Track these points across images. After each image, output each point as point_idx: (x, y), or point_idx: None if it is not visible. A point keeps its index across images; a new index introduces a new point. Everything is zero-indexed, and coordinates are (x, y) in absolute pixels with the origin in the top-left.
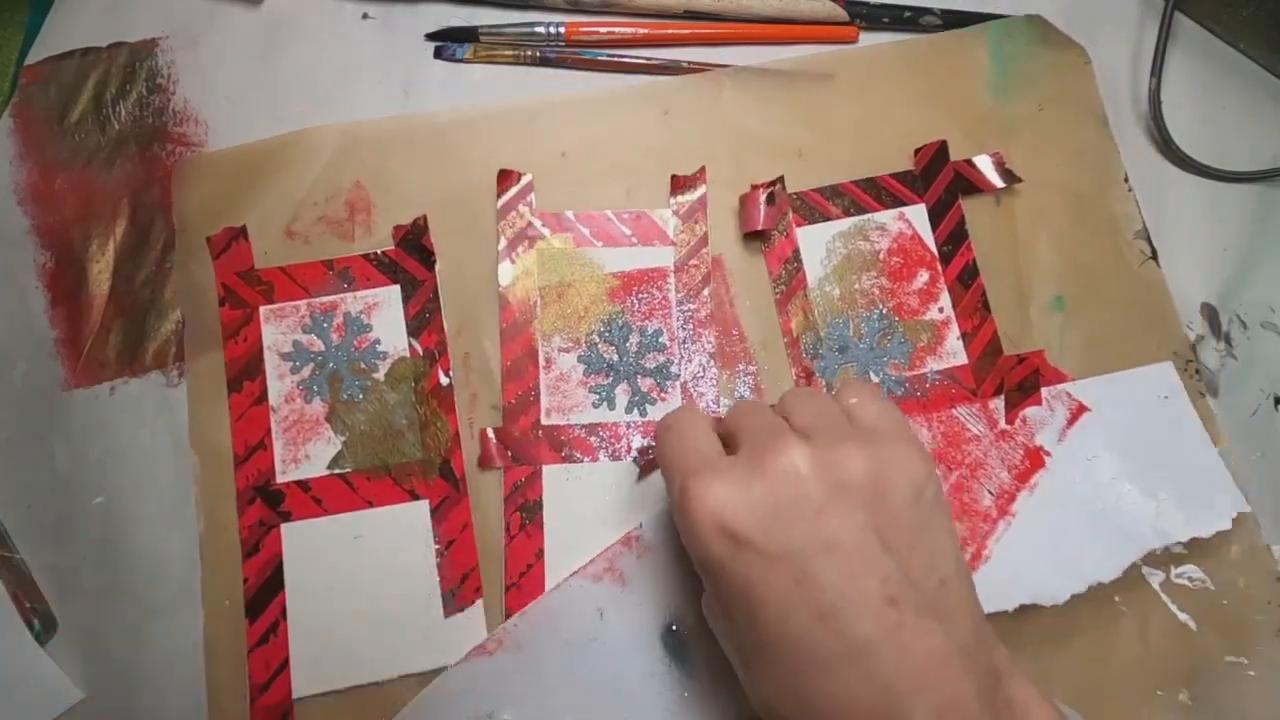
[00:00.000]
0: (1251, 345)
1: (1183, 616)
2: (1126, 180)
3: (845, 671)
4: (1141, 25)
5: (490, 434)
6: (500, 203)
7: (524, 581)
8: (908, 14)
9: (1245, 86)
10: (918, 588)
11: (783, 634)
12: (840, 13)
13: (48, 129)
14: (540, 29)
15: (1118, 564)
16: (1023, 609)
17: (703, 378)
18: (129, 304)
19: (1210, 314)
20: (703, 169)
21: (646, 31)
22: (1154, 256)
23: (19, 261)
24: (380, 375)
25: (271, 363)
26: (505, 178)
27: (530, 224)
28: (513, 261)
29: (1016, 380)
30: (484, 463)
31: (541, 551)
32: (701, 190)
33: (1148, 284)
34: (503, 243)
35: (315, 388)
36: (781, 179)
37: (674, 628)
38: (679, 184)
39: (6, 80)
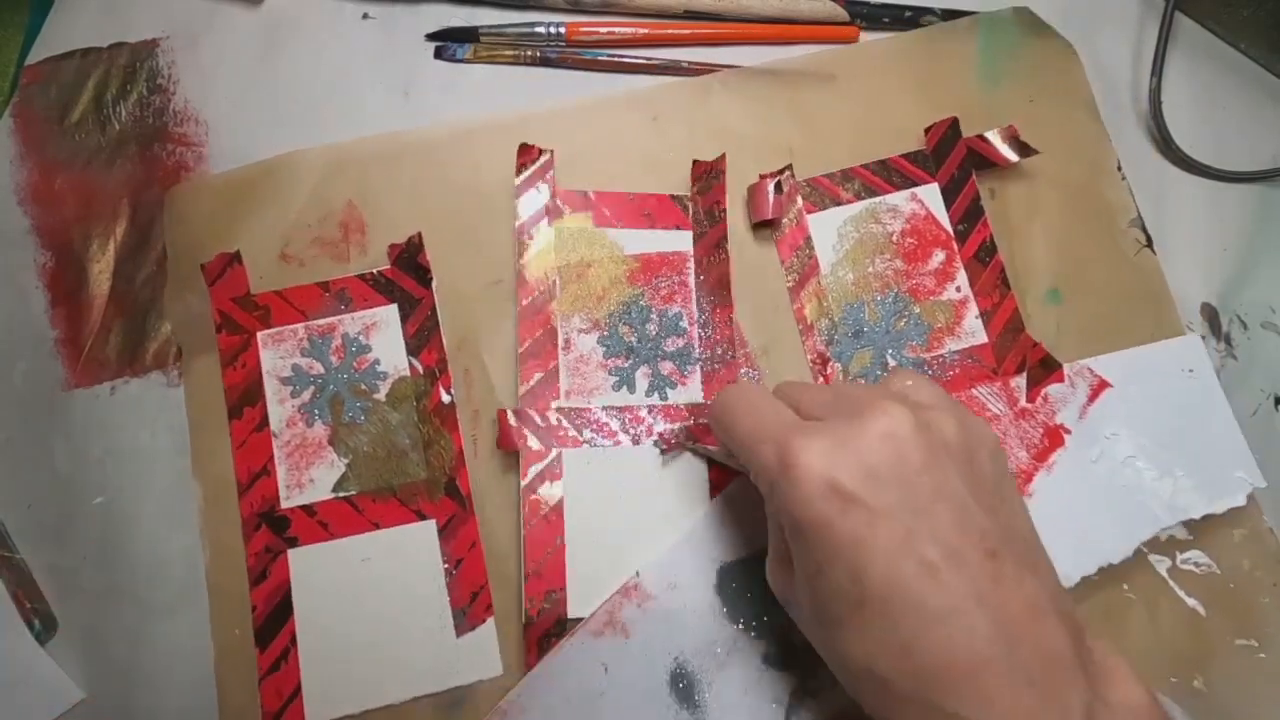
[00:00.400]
0: (1251, 345)
1: (1191, 602)
2: (1119, 168)
3: (950, 623)
4: (1141, 25)
5: (509, 415)
6: (519, 179)
7: (544, 569)
8: (908, 14)
9: (1245, 86)
10: (1010, 541)
11: (889, 588)
12: (840, 13)
13: (48, 129)
14: (540, 29)
15: (1129, 544)
16: None
17: (723, 362)
18: (129, 304)
19: (1210, 314)
20: (723, 156)
21: (647, 32)
22: (1149, 244)
23: (19, 261)
24: (381, 396)
25: (271, 388)
26: (525, 152)
27: (550, 201)
28: (531, 238)
29: (1039, 357)
30: (503, 444)
31: (562, 537)
32: (722, 176)
33: (1144, 272)
34: (521, 219)
35: (316, 411)
36: (790, 167)
37: (681, 672)
38: (700, 170)
39: (6, 80)
